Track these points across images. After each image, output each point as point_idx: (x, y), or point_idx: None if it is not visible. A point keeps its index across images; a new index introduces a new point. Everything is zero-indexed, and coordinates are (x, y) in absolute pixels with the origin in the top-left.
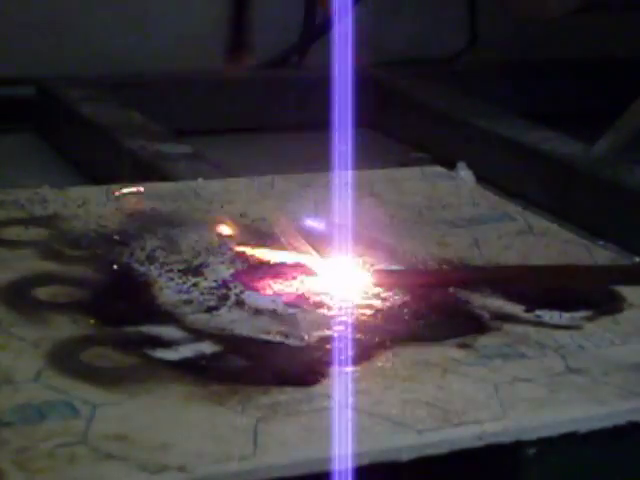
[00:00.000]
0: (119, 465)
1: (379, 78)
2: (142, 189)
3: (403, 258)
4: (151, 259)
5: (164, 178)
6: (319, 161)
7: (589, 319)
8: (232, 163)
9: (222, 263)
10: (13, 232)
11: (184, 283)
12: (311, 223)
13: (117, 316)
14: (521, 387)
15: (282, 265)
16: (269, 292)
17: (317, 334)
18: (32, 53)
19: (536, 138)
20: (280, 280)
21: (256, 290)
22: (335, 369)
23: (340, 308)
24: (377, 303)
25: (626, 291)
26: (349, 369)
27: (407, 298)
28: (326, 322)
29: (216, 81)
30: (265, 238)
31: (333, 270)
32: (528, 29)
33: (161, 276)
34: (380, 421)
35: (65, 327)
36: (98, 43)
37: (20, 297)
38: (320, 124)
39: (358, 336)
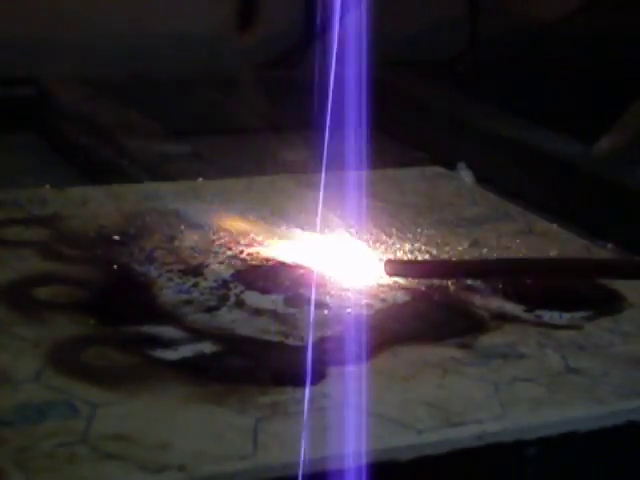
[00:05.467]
0: (119, 465)
1: (379, 78)
2: (142, 189)
3: (403, 258)
4: (151, 259)
5: (164, 178)
6: (319, 161)
7: (589, 319)
8: (232, 163)
9: (222, 263)
10: (13, 232)
11: (184, 283)
12: (311, 223)
13: (117, 316)
14: (521, 387)
15: (282, 265)
16: (269, 292)
17: (317, 334)
18: (32, 53)
19: (536, 138)
20: (280, 280)
21: (256, 290)
22: (335, 369)
23: (340, 308)
24: (377, 303)
25: (626, 291)
26: (349, 369)
27: (407, 298)
28: (326, 322)
29: (216, 81)
30: (265, 238)
31: (333, 270)
32: (528, 29)
33: (161, 276)
34: (380, 421)
35: (65, 327)
36: (98, 43)
37: (20, 297)
38: (320, 124)
39: (358, 336)
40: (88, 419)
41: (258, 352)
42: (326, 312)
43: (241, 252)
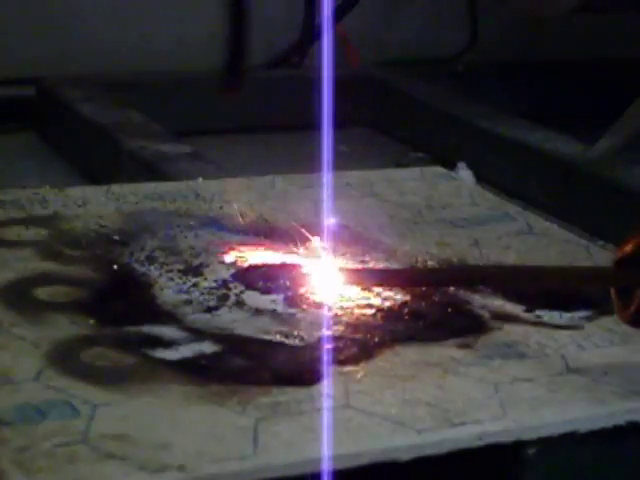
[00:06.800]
0: (119, 464)
1: (379, 78)
2: (142, 189)
3: (403, 258)
4: (151, 259)
5: (164, 178)
6: (319, 161)
7: (589, 319)
8: (232, 163)
9: (222, 263)
10: (13, 232)
11: (184, 283)
12: (311, 224)
13: (117, 316)
14: (521, 387)
15: (282, 265)
16: (269, 292)
17: (317, 334)
18: (32, 53)
19: (536, 138)
20: (280, 280)
21: (256, 290)
22: (335, 369)
23: (340, 308)
24: (377, 303)
25: None
26: (349, 369)
27: (407, 298)
28: (326, 322)
29: (216, 81)
30: (265, 238)
31: (333, 270)
32: (528, 29)
33: (161, 276)
34: (380, 421)
35: (65, 327)
36: (98, 43)
37: (20, 297)
38: (321, 124)
39: (358, 336)
40: (88, 419)
41: (258, 352)
42: (326, 312)
43: (241, 252)
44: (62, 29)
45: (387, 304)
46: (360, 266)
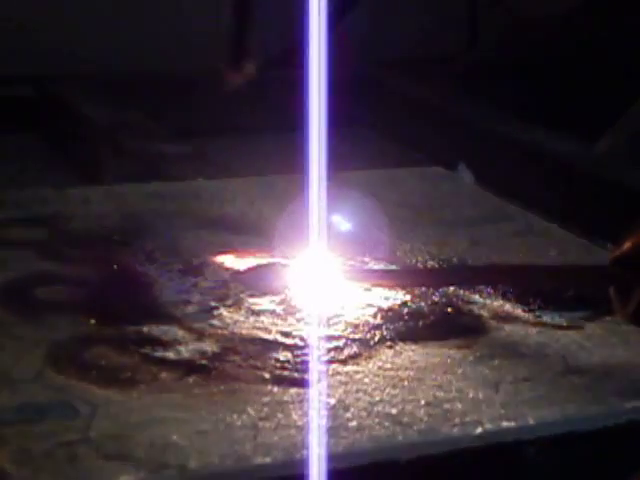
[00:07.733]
0: (119, 464)
1: (379, 78)
2: (142, 189)
3: (403, 258)
4: (151, 259)
5: (164, 178)
6: (318, 161)
7: (589, 319)
8: (232, 163)
9: (222, 263)
10: (13, 232)
11: (184, 283)
12: (311, 223)
13: (117, 316)
14: (521, 387)
15: (282, 265)
16: (269, 292)
17: (317, 334)
18: (32, 53)
19: (536, 138)
20: (280, 280)
21: (256, 290)
22: (335, 369)
23: (340, 308)
24: (377, 302)
25: None
26: (349, 369)
27: (407, 298)
28: (326, 322)
29: (216, 81)
30: (265, 238)
31: (333, 270)
32: (528, 29)
33: (161, 276)
34: (380, 421)
35: (65, 327)
36: (98, 43)
37: (20, 297)
38: (319, 124)
39: (358, 336)
40: (88, 419)
41: (258, 352)
42: (326, 312)
43: (241, 252)
44: (62, 29)
45: (387, 304)
46: (360, 266)
